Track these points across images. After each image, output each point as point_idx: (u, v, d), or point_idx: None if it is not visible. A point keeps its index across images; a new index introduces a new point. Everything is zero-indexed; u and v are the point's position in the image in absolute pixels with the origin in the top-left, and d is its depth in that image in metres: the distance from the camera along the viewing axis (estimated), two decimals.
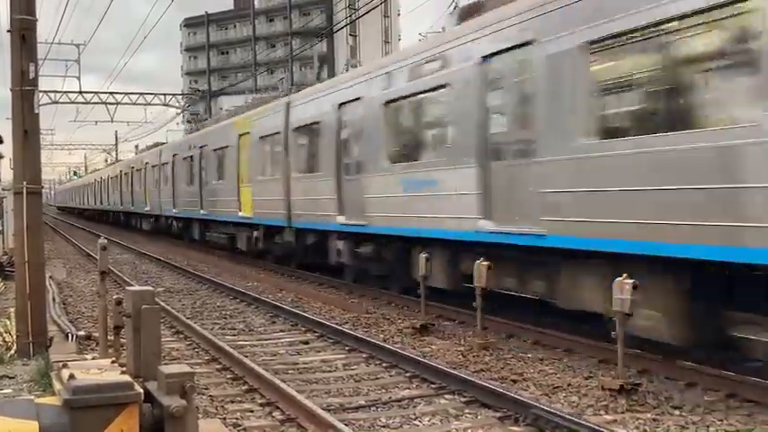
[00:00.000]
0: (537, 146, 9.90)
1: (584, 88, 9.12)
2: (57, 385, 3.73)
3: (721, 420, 7.01)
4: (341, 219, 15.77)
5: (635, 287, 7.48)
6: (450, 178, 11.88)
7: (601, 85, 9.10)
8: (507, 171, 10.63)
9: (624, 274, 7.65)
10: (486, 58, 10.99)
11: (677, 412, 7.29)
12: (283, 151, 19.05)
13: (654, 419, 7.07)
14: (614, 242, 8.61)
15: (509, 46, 10.47)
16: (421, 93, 12.95)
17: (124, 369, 3.95)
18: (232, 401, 8.07)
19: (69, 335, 10.76)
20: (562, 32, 9.35)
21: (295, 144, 18.59)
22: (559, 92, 9.51)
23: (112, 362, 4.10)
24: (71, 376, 3.60)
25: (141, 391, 3.72)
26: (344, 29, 66.39)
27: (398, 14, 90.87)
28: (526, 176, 10.13)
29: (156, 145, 45.02)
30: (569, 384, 8.41)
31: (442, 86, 12.10)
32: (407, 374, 8.99)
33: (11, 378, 8.67)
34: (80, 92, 47.00)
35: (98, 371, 3.81)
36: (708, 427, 6.86)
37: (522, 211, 10.20)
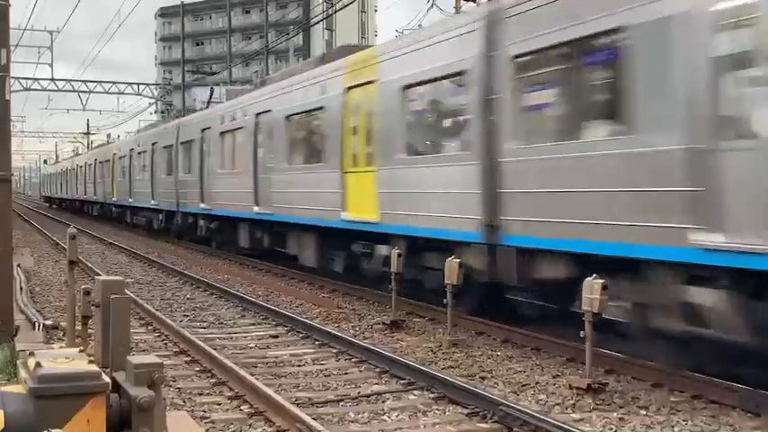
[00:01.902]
0: (273, 166, 17.89)
1: (285, 141, 17.35)
2: (23, 373, 3.67)
3: (686, 421, 7.09)
4: (202, 205, 23.83)
5: (605, 287, 7.59)
6: (241, 181, 19.88)
7: (294, 138, 17.32)
8: (264, 179, 18.50)
9: (594, 275, 7.78)
10: (257, 115, 19.09)
11: (643, 412, 7.37)
12: (174, 157, 27.66)
13: (620, 419, 7.14)
14: (298, 218, 16.52)
15: (263, 110, 18.67)
16: (233, 130, 21.30)
17: (92, 358, 3.89)
18: (200, 394, 8.03)
19: (36, 324, 10.63)
20: (279, 108, 17.58)
21: (181, 153, 27.00)
22: (278, 140, 17.71)
23: (80, 351, 4.05)
24: (38, 365, 3.54)
25: (109, 380, 3.67)
26: (321, 22, 66.22)
27: (375, 10, 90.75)
28: (269, 182, 18.02)
29: (105, 144, 50.86)
30: (537, 382, 8.47)
31: (242, 127, 20.39)
32: (377, 370, 9.01)
33: None
34: (52, 79, 46.43)
35: (65, 360, 3.75)
36: (673, 427, 6.94)
37: (268, 201, 18.03)
